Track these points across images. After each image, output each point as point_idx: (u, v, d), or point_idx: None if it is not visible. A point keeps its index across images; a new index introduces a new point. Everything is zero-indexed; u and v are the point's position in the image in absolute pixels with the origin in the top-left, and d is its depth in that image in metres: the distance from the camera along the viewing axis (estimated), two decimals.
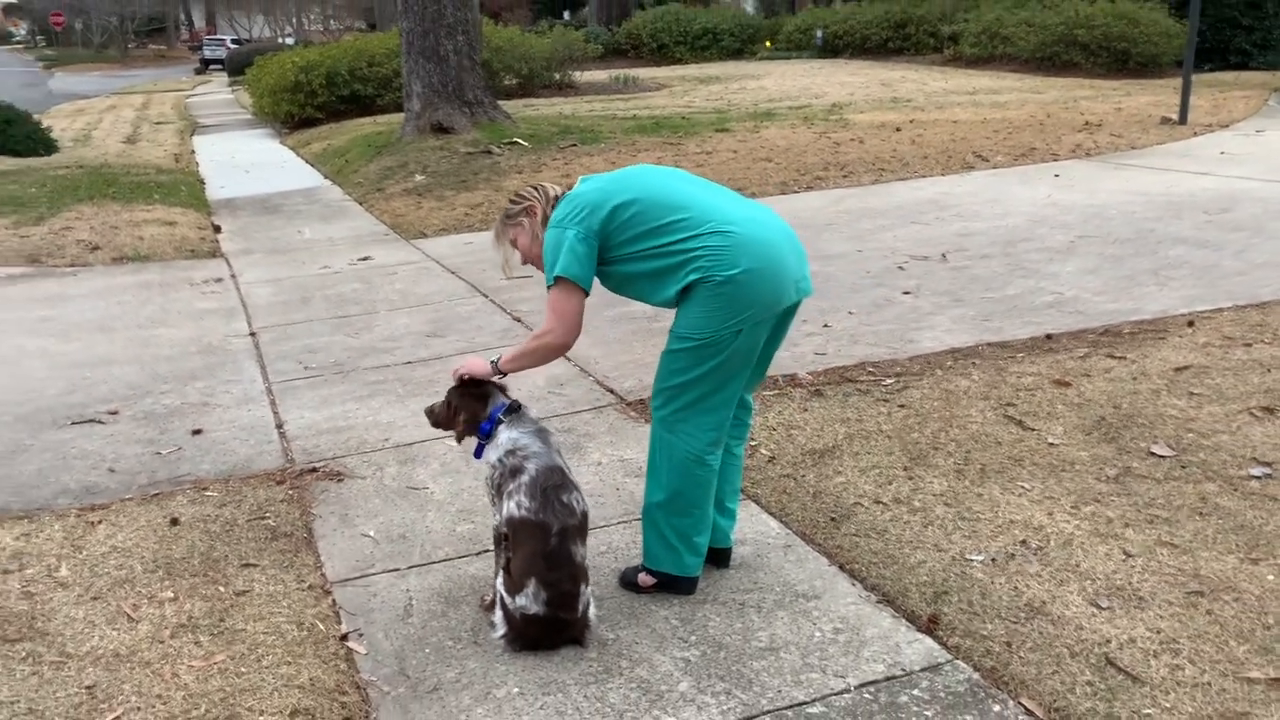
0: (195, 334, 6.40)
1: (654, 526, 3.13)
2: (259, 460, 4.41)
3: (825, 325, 5.75)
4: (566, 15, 47.21)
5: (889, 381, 4.83)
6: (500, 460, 2.97)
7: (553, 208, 3.06)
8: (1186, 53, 13.21)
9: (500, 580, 2.93)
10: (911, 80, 21.08)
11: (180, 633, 3.08)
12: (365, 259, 8.35)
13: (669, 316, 3.04)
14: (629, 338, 5.79)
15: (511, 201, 3.17)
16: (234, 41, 56.15)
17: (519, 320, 6.25)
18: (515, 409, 3.08)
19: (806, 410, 4.56)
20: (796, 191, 9.94)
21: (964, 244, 7.40)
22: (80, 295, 7.54)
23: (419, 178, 11.49)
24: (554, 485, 2.89)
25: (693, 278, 2.86)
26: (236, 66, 38.82)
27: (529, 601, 2.82)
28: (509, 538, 2.90)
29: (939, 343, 5.35)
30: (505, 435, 3.00)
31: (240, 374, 5.59)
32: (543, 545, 2.82)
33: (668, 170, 3.09)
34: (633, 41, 31.60)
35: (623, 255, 2.94)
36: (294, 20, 61.82)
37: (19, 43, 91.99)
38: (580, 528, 2.92)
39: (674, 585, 3.17)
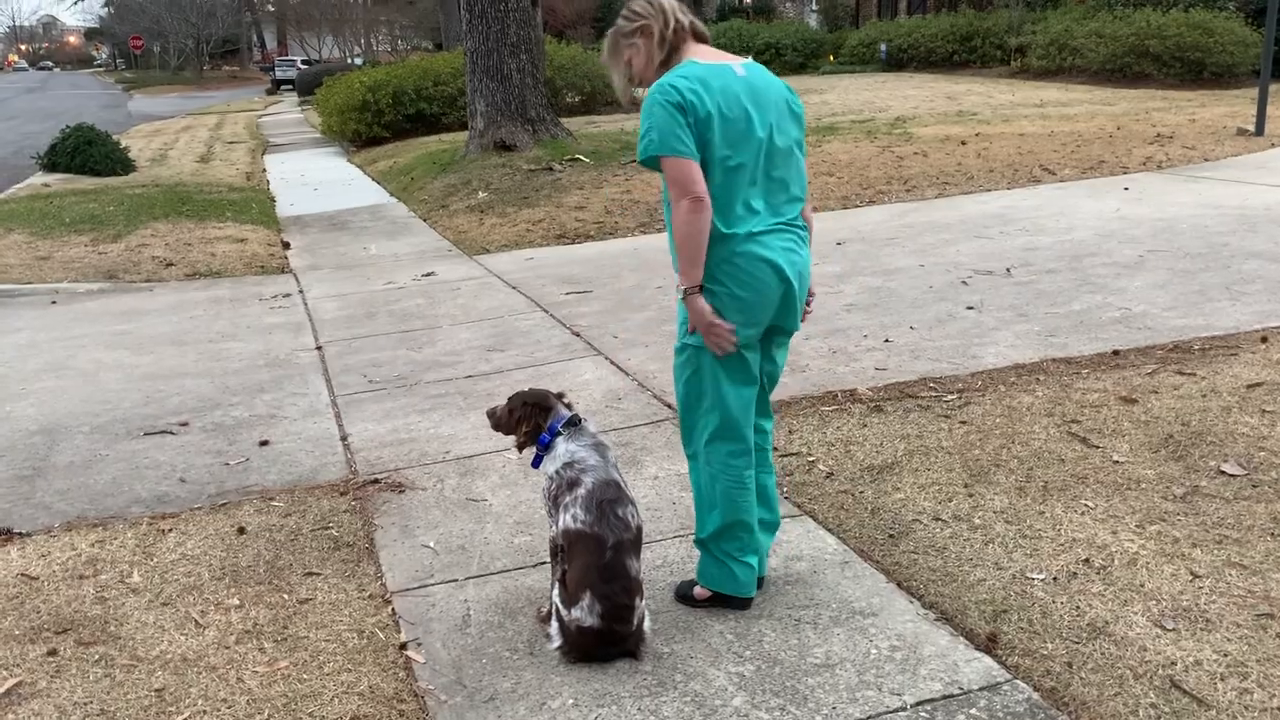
0: (263, 348, 6.55)
1: (706, 551, 3.15)
2: (323, 471, 4.50)
3: (886, 340, 5.70)
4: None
5: (951, 397, 4.78)
6: (557, 473, 3.01)
7: (673, 33, 2.91)
8: (1263, 62, 12.88)
9: (556, 592, 2.96)
10: (977, 93, 20.85)
11: (245, 639, 3.16)
12: (429, 275, 8.47)
13: None
14: None
15: (624, 18, 2.97)
16: (304, 62, 57.41)
17: (578, 335, 6.30)
18: (575, 422, 3.10)
19: (866, 426, 4.53)
20: (859, 206, 9.88)
21: (1029, 259, 7.29)
22: (155, 310, 7.76)
23: (482, 195, 11.64)
24: (610, 499, 2.92)
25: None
26: (306, 86, 39.67)
27: (584, 614, 2.85)
28: (564, 550, 2.93)
29: (1002, 358, 5.28)
30: (563, 448, 3.03)
31: (306, 387, 5.71)
32: (598, 558, 2.84)
33: (759, 138, 2.85)
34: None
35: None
36: (362, 41, 63.01)
37: (100, 66, 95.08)
38: (635, 541, 2.94)
39: (728, 601, 3.17)
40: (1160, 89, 20.23)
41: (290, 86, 49.80)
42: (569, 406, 3.18)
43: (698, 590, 3.20)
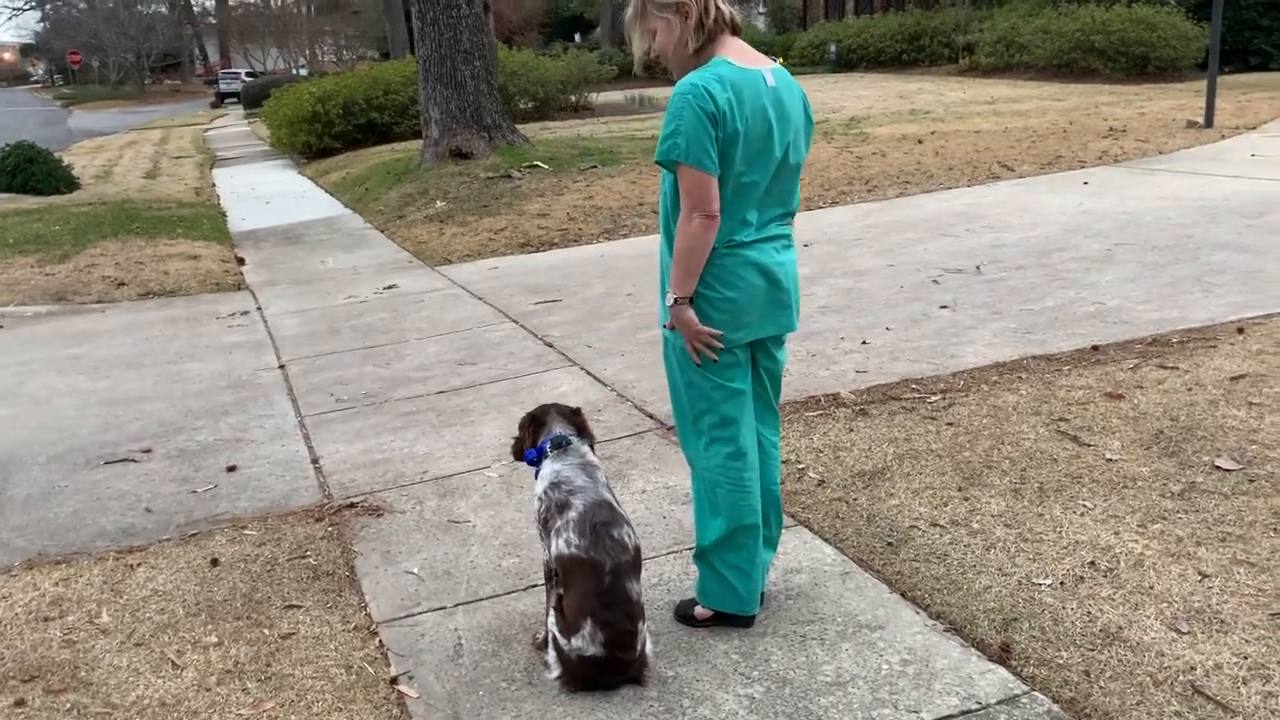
0: (225, 368, 6.35)
1: (707, 564, 3.03)
2: (296, 496, 4.34)
3: (864, 342, 5.64)
4: (578, 38, 47.46)
5: (934, 398, 4.72)
6: (545, 494, 2.91)
7: (713, 22, 2.77)
8: (1210, 56, 13.07)
9: (553, 620, 2.83)
10: (928, 91, 21.01)
11: (226, 679, 3.00)
12: (391, 287, 8.30)
13: None
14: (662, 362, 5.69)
15: None
16: (249, 74, 56.56)
17: (550, 345, 6.17)
18: (561, 443, 3.00)
19: (853, 430, 4.45)
20: (822, 207, 9.85)
21: (998, 255, 7.28)
22: (108, 332, 7.51)
23: (440, 204, 11.46)
24: (603, 521, 2.80)
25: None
26: (252, 99, 39.10)
27: (585, 643, 2.72)
28: (559, 575, 2.81)
29: (982, 357, 5.23)
30: (549, 468, 2.96)
31: (272, 408, 5.53)
32: (597, 584, 2.72)
33: (774, 141, 2.77)
34: (646, 62, 31.63)
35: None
36: (307, 52, 62.26)
37: (36, 82, 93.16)
38: (634, 563, 2.82)
39: (731, 620, 3.07)
40: (1107, 83, 20.53)
41: (235, 99, 49.05)
42: (579, 424, 3.10)
43: (699, 610, 3.09)
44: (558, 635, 2.80)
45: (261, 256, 10.34)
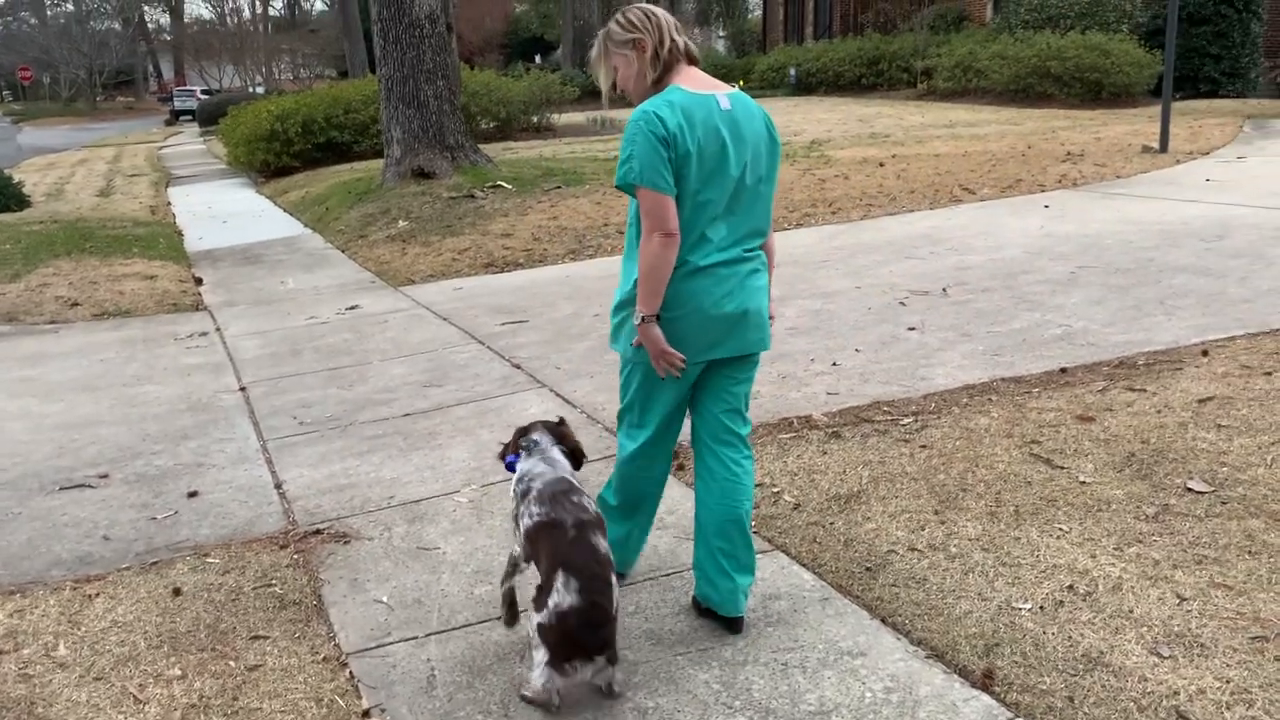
0: (183, 391, 6.21)
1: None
2: (260, 523, 4.23)
3: (834, 364, 5.63)
4: (538, 59, 47.53)
5: (907, 421, 4.71)
6: (515, 492, 3.08)
7: (668, 53, 2.94)
8: (1165, 82, 13.32)
9: (532, 612, 2.79)
10: (888, 115, 21.22)
11: (191, 714, 2.89)
12: (353, 308, 8.19)
13: None
14: None
15: (619, 25, 2.98)
16: (204, 92, 56.03)
17: (518, 367, 6.11)
18: (529, 446, 3.15)
19: (826, 453, 4.43)
20: (787, 229, 9.87)
21: (963, 278, 7.33)
22: (61, 353, 7.34)
23: (402, 224, 11.36)
24: (562, 490, 2.94)
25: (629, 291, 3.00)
26: (208, 116, 38.70)
27: (561, 595, 2.69)
28: (529, 550, 2.93)
29: (952, 379, 5.24)
30: (520, 469, 3.11)
31: (233, 431, 5.41)
32: (563, 537, 2.81)
33: (730, 163, 2.88)
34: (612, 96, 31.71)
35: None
36: (263, 69, 61.77)
37: None
38: (597, 523, 2.89)
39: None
40: (1063, 108, 20.85)
41: (190, 117, 48.58)
42: (561, 433, 3.24)
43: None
44: (537, 619, 2.74)
45: (220, 276, 10.18)
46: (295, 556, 3.88)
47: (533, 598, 2.81)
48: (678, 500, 4.00)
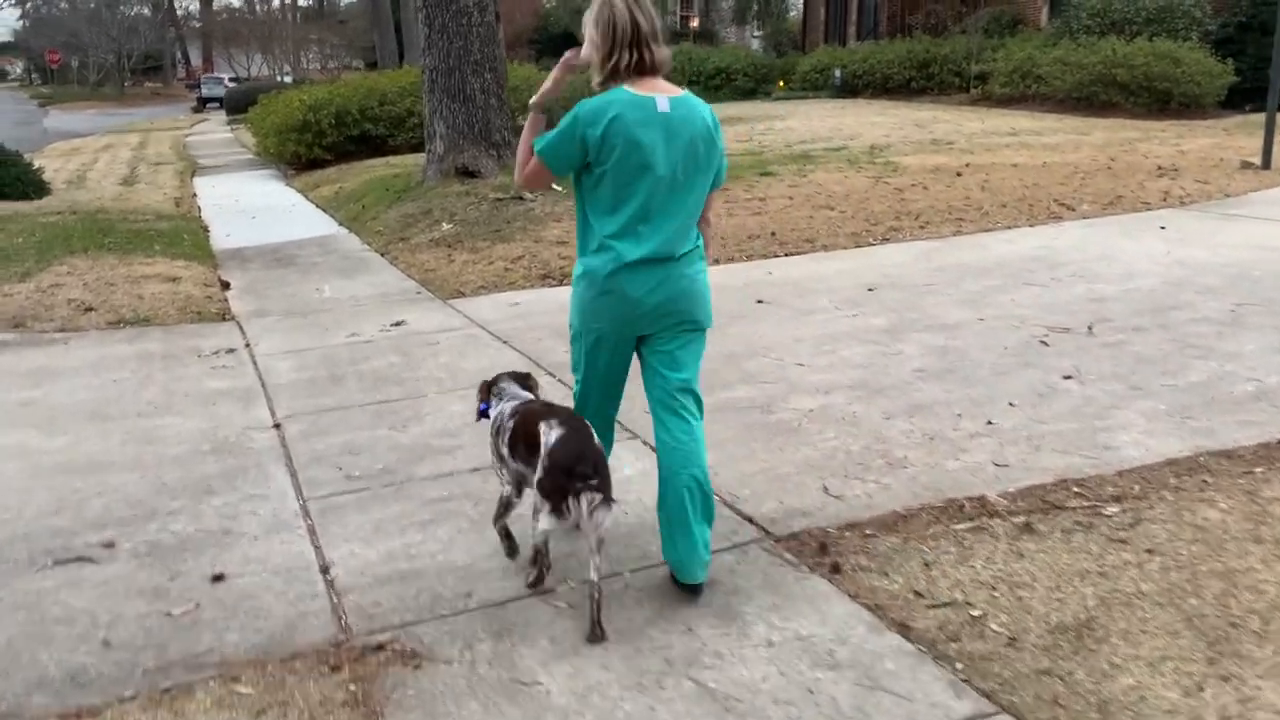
0: (207, 425, 5.31)
1: None
2: (303, 626, 3.31)
3: (988, 422, 4.67)
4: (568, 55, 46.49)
5: (1112, 510, 3.76)
6: (491, 432, 3.51)
7: (612, 64, 3.15)
8: (1270, 94, 12.25)
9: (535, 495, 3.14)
10: (945, 121, 20.18)
11: None
12: (399, 324, 7.27)
13: (789, 408, 2.11)
14: (744, 436, 4.71)
15: (591, 17, 3.19)
16: (232, 80, 55.44)
17: None
18: (500, 394, 3.60)
19: (1023, 555, 3.48)
20: (873, 244, 8.92)
21: (1102, 312, 6.35)
22: (70, 370, 6.44)
23: (446, 227, 10.45)
24: (528, 400, 3.50)
25: (576, 270, 3.31)
26: (235, 105, 38.00)
27: (548, 436, 3.08)
28: (514, 452, 3.33)
29: (1144, 449, 4.28)
30: (494, 413, 3.53)
31: (266, 484, 4.50)
32: (539, 412, 3.28)
33: (653, 156, 3.11)
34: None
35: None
36: (292, 59, 61.00)
37: (14, 81, 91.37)
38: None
39: None
40: (1129, 118, 19.77)
41: (217, 105, 47.88)
42: (530, 386, 3.67)
43: None
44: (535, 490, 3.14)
45: (248, 280, 9.28)
46: (352, 687, 2.95)
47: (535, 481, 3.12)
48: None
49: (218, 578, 3.65)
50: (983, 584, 3.31)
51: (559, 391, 5.34)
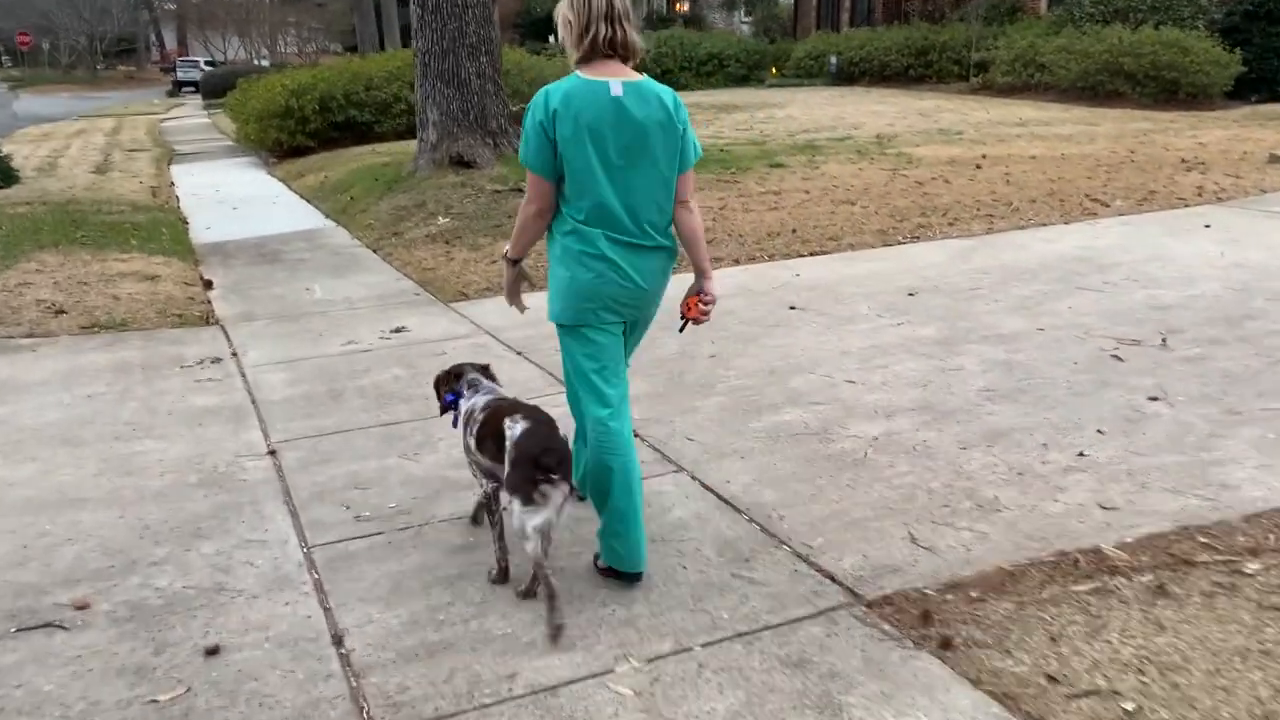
0: (193, 451, 4.72)
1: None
2: (317, 718, 2.75)
3: (1080, 454, 4.15)
4: (552, 40, 45.82)
5: (1253, 567, 3.25)
6: (462, 425, 3.46)
7: (590, 41, 3.13)
8: None
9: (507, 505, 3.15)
10: (948, 110, 19.66)
11: None
12: (399, 330, 6.69)
13: (849, 435, 3.37)
14: (806, 470, 4.17)
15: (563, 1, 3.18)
16: (208, 63, 54.38)
17: (635, 434, 4.63)
18: (474, 384, 3.57)
19: (1164, 628, 2.96)
20: (902, 242, 8.39)
21: (1169, 321, 5.85)
22: (39, 383, 5.84)
23: (443, 221, 9.85)
24: (499, 397, 3.47)
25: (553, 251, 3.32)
26: (212, 89, 37.14)
27: (513, 430, 3.11)
28: (482, 448, 3.31)
29: (1267, 489, 3.77)
30: (465, 406, 3.50)
31: (263, 526, 3.93)
32: (504, 408, 3.28)
33: (608, 136, 3.12)
34: (634, 66, 30.18)
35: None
36: (269, 42, 59.83)
37: None
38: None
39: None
40: (1136, 108, 19.32)
41: (193, 89, 46.92)
42: (491, 376, 3.68)
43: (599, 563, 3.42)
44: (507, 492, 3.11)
45: (232, 278, 8.66)
46: None
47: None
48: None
49: (212, 651, 3.09)
50: (1127, 665, 2.79)
51: None
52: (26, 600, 3.43)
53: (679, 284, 3.49)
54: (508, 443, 3.09)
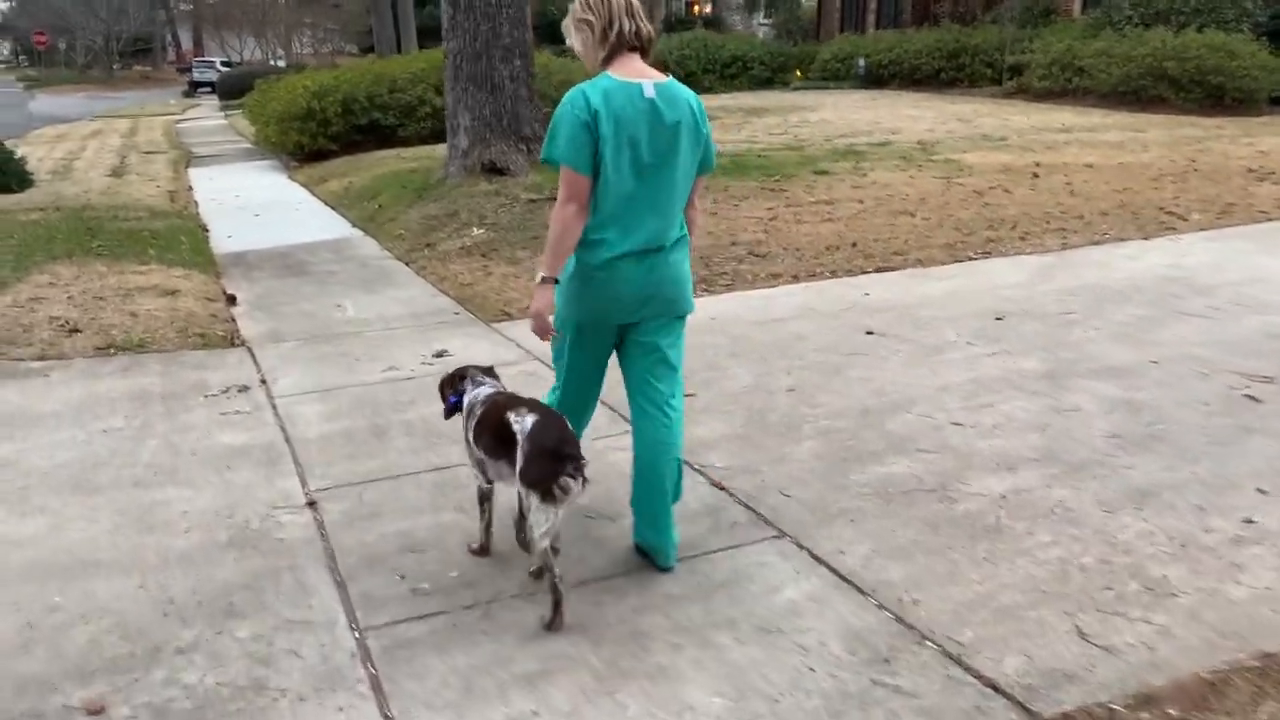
0: (222, 502, 4.19)
1: None
2: None
3: (1248, 521, 3.59)
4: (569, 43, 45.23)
5: None
6: (463, 420, 3.44)
7: (615, 37, 3.14)
8: None
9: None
10: (987, 115, 19.06)
11: None
12: (441, 354, 6.15)
13: (971, 493, 3.54)
14: (932, 539, 3.61)
15: (577, 3, 3.19)
16: (224, 64, 54.10)
17: (723, 488, 4.08)
18: (477, 383, 3.50)
19: None
20: (973, 258, 7.83)
21: None
22: (51, 414, 5.31)
23: (477, 232, 9.32)
24: (496, 391, 3.45)
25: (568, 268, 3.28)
26: (228, 90, 36.76)
27: (523, 423, 3.03)
28: (480, 444, 3.30)
29: None
30: (466, 402, 3.45)
31: (307, 601, 3.39)
32: (505, 401, 3.25)
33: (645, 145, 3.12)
34: (657, 68, 29.64)
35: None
36: (285, 43, 59.47)
37: (1, 63, 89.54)
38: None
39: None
40: (1179, 114, 18.70)
41: (209, 89, 46.57)
42: (492, 376, 3.57)
43: None
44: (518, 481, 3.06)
45: (257, 293, 8.14)
46: None
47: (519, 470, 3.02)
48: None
49: None
50: None
51: None
52: (30, 700, 2.90)
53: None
54: (519, 436, 3.01)
